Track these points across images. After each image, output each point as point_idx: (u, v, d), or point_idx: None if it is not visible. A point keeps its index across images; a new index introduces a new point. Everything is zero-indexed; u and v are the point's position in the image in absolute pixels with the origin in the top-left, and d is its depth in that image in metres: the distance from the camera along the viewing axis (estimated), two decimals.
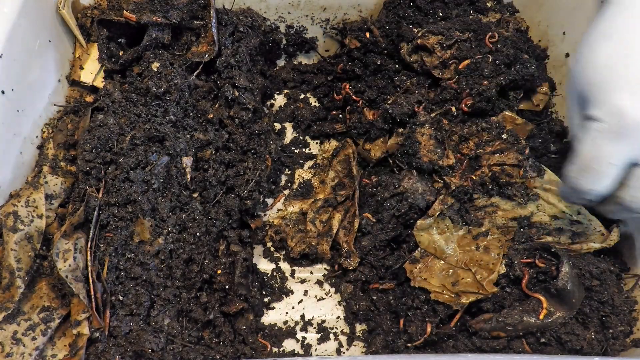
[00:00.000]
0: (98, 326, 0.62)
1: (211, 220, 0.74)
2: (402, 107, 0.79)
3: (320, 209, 0.82)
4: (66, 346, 0.62)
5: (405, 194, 0.74)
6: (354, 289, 0.76)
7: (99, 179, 0.70)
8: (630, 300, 0.68)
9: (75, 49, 0.85)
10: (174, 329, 0.66)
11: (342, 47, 0.95)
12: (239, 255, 0.72)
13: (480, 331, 0.65)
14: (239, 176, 0.77)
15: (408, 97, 0.80)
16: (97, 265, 0.65)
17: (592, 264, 0.68)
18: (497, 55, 0.78)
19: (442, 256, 0.70)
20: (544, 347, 0.64)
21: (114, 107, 0.75)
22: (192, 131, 0.78)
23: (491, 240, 0.70)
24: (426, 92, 0.81)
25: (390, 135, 0.82)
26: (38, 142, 0.77)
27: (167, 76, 0.78)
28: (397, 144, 0.79)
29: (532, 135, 0.80)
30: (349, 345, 0.73)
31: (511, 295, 0.67)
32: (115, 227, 0.68)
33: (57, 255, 0.62)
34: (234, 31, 0.86)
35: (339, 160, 0.87)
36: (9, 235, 0.64)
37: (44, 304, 0.63)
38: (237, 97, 0.80)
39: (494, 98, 0.77)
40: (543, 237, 0.70)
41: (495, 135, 0.76)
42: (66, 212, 0.69)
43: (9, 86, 0.69)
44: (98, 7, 0.84)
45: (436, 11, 0.87)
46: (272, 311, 0.76)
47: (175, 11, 0.81)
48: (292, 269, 0.80)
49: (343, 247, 0.77)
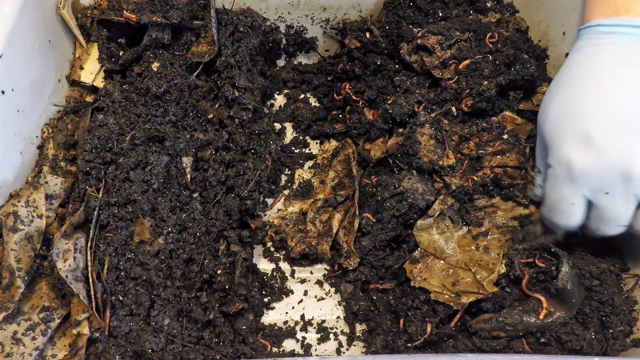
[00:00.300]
0: (98, 326, 0.62)
1: (211, 220, 0.74)
2: (402, 107, 0.79)
3: (320, 209, 0.82)
4: (66, 346, 0.62)
5: (405, 194, 0.74)
6: (354, 289, 0.76)
7: (99, 179, 0.70)
8: (630, 300, 0.68)
9: (75, 49, 0.85)
10: (174, 329, 0.66)
11: (342, 47, 0.95)
12: (239, 255, 0.72)
13: (480, 331, 0.65)
14: (239, 176, 0.77)
15: (408, 97, 0.80)
16: (97, 265, 0.65)
17: (592, 264, 0.68)
18: (497, 55, 0.78)
19: (442, 256, 0.70)
20: (544, 347, 0.64)
21: (114, 107, 0.75)
22: (192, 131, 0.78)
23: (491, 240, 0.70)
24: (426, 92, 0.81)
25: (390, 135, 0.82)
26: (38, 142, 0.77)
27: (167, 76, 0.78)
28: (397, 144, 0.79)
29: (533, 135, 0.80)
30: (349, 345, 0.73)
31: (511, 295, 0.67)
32: (115, 227, 0.68)
33: (57, 255, 0.62)
34: (234, 31, 0.86)
35: (339, 160, 0.87)
36: (9, 235, 0.64)
37: (44, 304, 0.63)
38: (237, 97, 0.80)
39: (494, 98, 0.77)
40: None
41: (495, 135, 0.76)
42: (66, 212, 0.69)
43: (9, 86, 0.69)
44: (98, 7, 0.84)
45: (436, 11, 0.87)
46: (272, 311, 0.76)
47: (175, 11, 0.81)
48: (292, 269, 0.80)
49: (343, 247, 0.77)
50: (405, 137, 0.77)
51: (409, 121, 0.79)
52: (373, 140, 0.84)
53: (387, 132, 0.83)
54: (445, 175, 0.74)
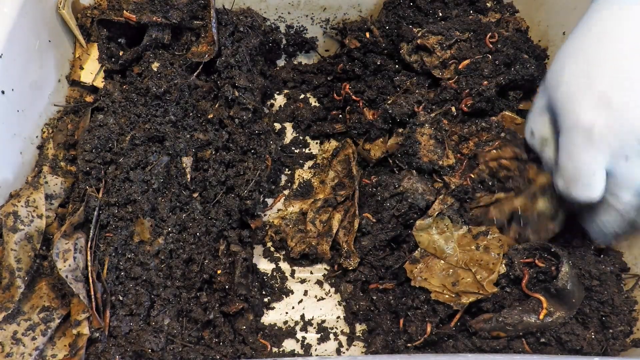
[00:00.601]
0: (98, 326, 0.62)
1: (211, 220, 0.74)
2: (402, 107, 0.79)
3: (320, 209, 0.82)
4: (66, 346, 0.62)
5: (405, 194, 0.74)
6: (354, 289, 0.76)
7: (99, 179, 0.70)
8: (630, 300, 0.68)
9: (75, 49, 0.85)
10: (174, 329, 0.66)
11: (342, 47, 0.95)
12: (239, 255, 0.72)
13: (480, 331, 0.65)
14: (239, 176, 0.77)
15: (408, 97, 0.80)
16: (97, 265, 0.65)
17: (592, 264, 0.68)
18: (497, 55, 0.78)
19: (442, 256, 0.70)
20: (544, 347, 0.64)
21: (114, 107, 0.75)
22: (192, 131, 0.78)
23: (491, 239, 0.70)
24: (426, 92, 0.81)
25: (390, 135, 0.82)
26: (38, 142, 0.77)
27: (167, 76, 0.78)
28: (397, 144, 0.79)
29: None
30: (349, 345, 0.73)
31: (511, 295, 0.67)
32: (115, 227, 0.68)
33: (57, 255, 0.62)
34: (234, 31, 0.86)
35: (338, 160, 0.87)
36: (9, 235, 0.64)
37: (44, 304, 0.63)
38: (237, 97, 0.80)
39: (494, 98, 0.77)
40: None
41: (494, 135, 0.76)
42: (66, 212, 0.69)
43: (9, 86, 0.69)
44: (98, 7, 0.84)
45: (436, 11, 0.87)
46: (272, 311, 0.76)
47: (175, 11, 0.81)
48: (292, 269, 0.80)
49: (343, 247, 0.77)
50: (405, 137, 0.77)
51: (408, 121, 0.79)
52: (373, 140, 0.84)
53: (387, 132, 0.83)
54: (445, 174, 0.74)
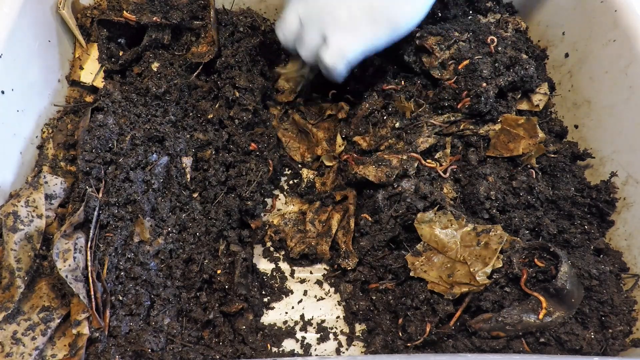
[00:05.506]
0: (98, 326, 0.62)
1: (211, 220, 0.74)
2: (402, 107, 0.79)
3: (319, 209, 0.82)
4: (66, 346, 0.62)
5: (403, 194, 0.74)
6: (354, 289, 0.76)
7: (99, 179, 0.70)
8: (629, 300, 0.68)
9: (75, 49, 0.85)
10: (174, 329, 0.66)
11: None
12: (238, 255, 0.72)
13: (479, 331, 0.65)
14: (240, 176, 0.77)
15: (407, 98, 0.80)
16: (97, 265, 0.65)
17: (591, 264, 0.68)
18: (496, 56, 0.78)
19: (444, 250, 0.70)
20: (544, 347, 0.64)
21: (114, 107, 0.75)
22: (192, 131, 0.78)
23: (493, 236, 0.70)
24: (425, 92, 0.81)
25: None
26: (38, 142, 0.77)
27: (167, 76, 0.78)
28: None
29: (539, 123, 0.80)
30: (349, 345, 0.73)
31: (510, 295, 0.67)
32: (115, 227, 0.68)
33: (57, 255, 0.62)
34: (234, 31, 0.86)
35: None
36: (9, 235, 0.64)
37: (44, 303, 0.63)
38: (238, 97, 0.80)
39: (492, 100, 0.77)
40: None
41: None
42: (66, 212, 0.69)
43: (9, 86, 0.69)
44: (98, 7, 0.84)
45: (435, 11, 0.87)
46: (271, 311, 0.76)
47: (175, 11, 0.81)
48: (292, 269, 0.80)
49: (341, 247, 0.77)
50: (406, 141, 0.78)
51: (409, 122, 0.79)
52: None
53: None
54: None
